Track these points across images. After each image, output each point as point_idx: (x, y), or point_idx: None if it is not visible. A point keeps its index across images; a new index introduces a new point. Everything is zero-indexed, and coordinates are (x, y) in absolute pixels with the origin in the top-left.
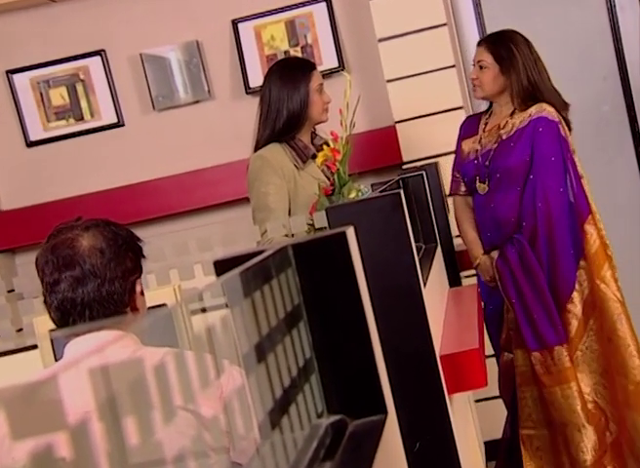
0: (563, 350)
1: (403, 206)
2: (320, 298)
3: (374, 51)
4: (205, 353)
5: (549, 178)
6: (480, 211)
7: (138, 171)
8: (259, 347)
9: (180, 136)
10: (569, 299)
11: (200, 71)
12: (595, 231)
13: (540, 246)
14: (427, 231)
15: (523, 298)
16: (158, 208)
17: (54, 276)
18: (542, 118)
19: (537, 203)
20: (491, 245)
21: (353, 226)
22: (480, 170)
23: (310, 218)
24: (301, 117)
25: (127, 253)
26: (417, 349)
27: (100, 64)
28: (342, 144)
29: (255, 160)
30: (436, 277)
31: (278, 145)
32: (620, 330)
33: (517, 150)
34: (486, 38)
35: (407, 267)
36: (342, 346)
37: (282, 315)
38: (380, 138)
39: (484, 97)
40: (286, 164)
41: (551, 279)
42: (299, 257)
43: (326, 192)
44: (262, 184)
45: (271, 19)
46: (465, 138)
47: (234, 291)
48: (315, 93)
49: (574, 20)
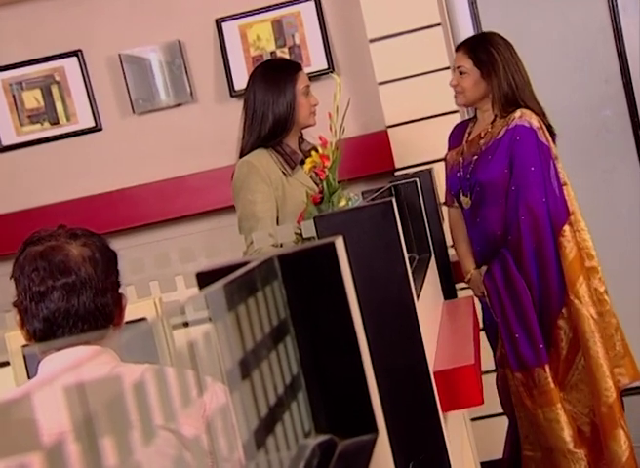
0: (543, 372)
1: (395, 215)
2: (308, 312)
3: (365, 52)
4: (187, 369)
5: (531, 189)
6: (468, 225)
7: (116, 177)
8: (243, 363)
9: (160, 142)
10: (559, 315)
11: (182, 73)
12: (572, 242)
13: (527, 259)
14: (421, 241)
15: (506, 317)
16: (138, 216)
17: (45, 284)
18: (519, 126)
19: (519, 216)
20: (482, 258)
21: (343, 236)
22: (463, 183)
23: (298, 227)
24: (288, 121)
25: (115, 265)
26: (409, 365)
27: (77, 65)
28: (332, 150)
29: (241, 166)
30: (430, 289)
31: (265, 151)
32: (593, 349)
33: (495, 162)
34: (464, 42)
35: (399, 279)
36: (331, 362)
37: (268, 329)
38: (371, 144)
39: (466, 104)
40: (273, 170)
41: (542, 293)
42: (285, 269)
43: (314, 200)
44: (249, 192)
45: (257, 18)
46: (451, 150)
47: (218, 304)
48: (302, 95)
49: (574, 21)
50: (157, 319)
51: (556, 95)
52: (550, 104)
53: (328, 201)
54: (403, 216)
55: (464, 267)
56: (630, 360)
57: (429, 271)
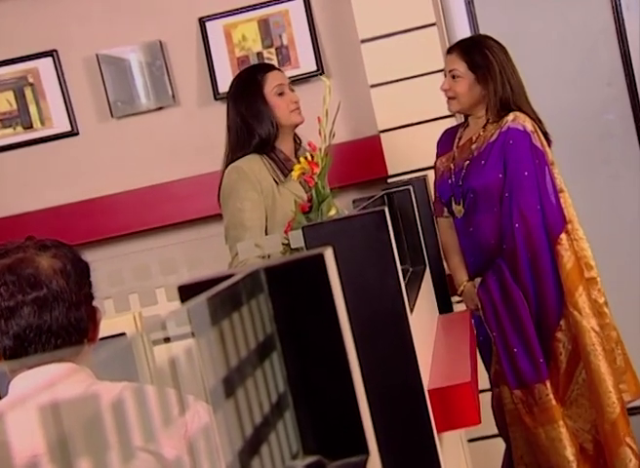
0: (544, 388)
1: (388, 224)
2: (295, 327)
3: (356, 53)
4: (167, 388)
5: (525, 196)
6: (461, 235)
7: (93, 185)
8: (227, 381)
9: (140, 147)
10: (557, 327)
11: (164, 74)
12: (569, 251)
13: (523, 269)
14: (415, 252)
15: (503, 331)
16: (116, 226)
17: (15, 299)
18: (512, 130)
19: (514, 223)
20: (476, 270)
21: (332, 247)
22: (455, 190)
23: (286, 238)
24: (272, 127)
25: (87, 277)
26: (402, 383)
27: (52, 66)
28: (321, 156)
29: (230, 172)
30: (424, 303)
31: (257, 156)
32: (594, 363)
33: (488, 167)
34: (456, 45)
35: (392, 292)
36: (320, 380)
37: (253, 345)
38: (362, 150)
39: (460, 110)
40: (265, 177)
41: (539, 306)
42: (272, 282)
43: (303, 209)
44: (238, 199)
45: (243, 17)
46: (440, 156)
47: (201, 318)
48: (274, 96)
49: (575, 20)
50: (137, 334)
51: (556, 98)
52: (550, 108)
53: (317, 210)
54: (396, 226)
55: (457, 279)
56: (632, 375)
57: (424, 284)
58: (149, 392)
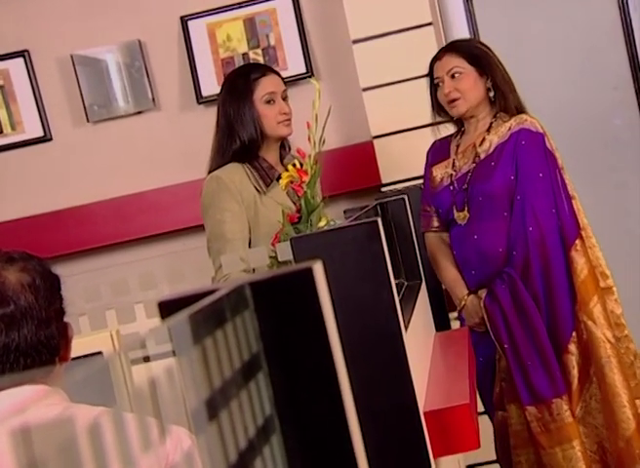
0: (563, 403)
1: (381, 236)
2: (282, 346)
3: (347, 54)
4: (148, 416)
5: (539, 198)
6: (461, 245)
7: (67, 194)
8: (210, 403)
9: (118, 153)
10: (570, 339)
11: (143, 76)
12: (584, 258)
13: (535, 278)
14: (410, 265)
15: (515, 343)
16: (92, 238)
17: None
18: (524, 130)
19: (527, 227)
20: (477, 284)
21: (322, 260)
22: (457, 196)
23: (273, 250)
24: (257, 136)
25: (58, 291)
26: (397, 405)
27: (23, 67)
28: (310, 164)
29: (209, 182)
30: (420, 319)
31: (239, 166)
32: (609, 376)
33: (499, 170)
34: (446, 47)
35: (385, 308)
36: (309, 401)
37: (238, 365)
38: (354, 156)
39: (468, 109)
40: (246, 187)
41: (550, 317)
42: (258, 297)
43: (291, 219)
44: (218, 210)
45: (227, 15)
46: (435, 164)
47: (182, 336)
48: (262, 104)
49: (579, 20)
50: (114, 353)
51: (559, 103)
52: (553, 114)
53: (306, 220)
54: (390, 238)
55: (456, 294)
56: None
57: (419, 299)
58: (129, 419)
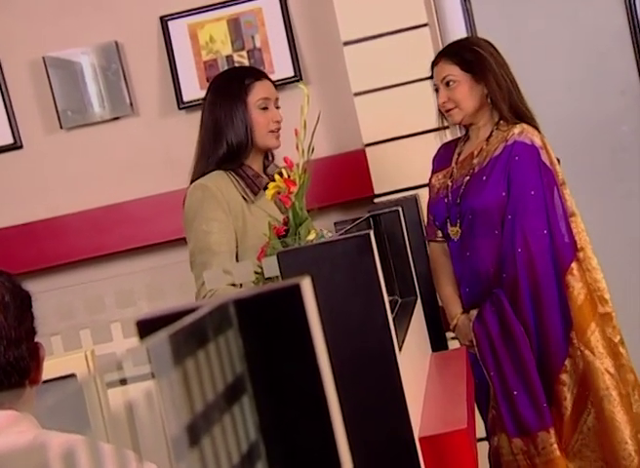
0: (549, 436)
1: (373, 250)
2: (268, 367)
3: (338, 57)
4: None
5: (529, 218)
6: (456, 261)
7: (39, 205)
8: (192, 428)
9: (94, 162)
10: (562, 368)
11: (120, 80)
12: (580, 283)
13: (524, 302)
14: (404, 281)
15: (502, 371)
16: (65, 252)
17: None
18: (519, 144)
19: (516, 248)
20: (471, 302)
21: (310, 276)
22: (451, 210)
23: (259, 265)
24: (245, 142)
25: (29, 309)
26: (390, 429)
27: None
28: (299, 173)
29: (194, 190)
30: (415, 339)
31: (223, 173)
32: (608, 409)
33: (490, 185)
34: (441, 53)
35: (378, 327)
36: (296, 427)
37: (221, 388)
38: (345, 166)
39: (464, 118)
40: (233, 196)
41: (541, 344)
42: (242, 316)
43: (278, 232)
44: (204, 221)
45: (210, 15)
46: (437, 172)
47: (162, 357)
48: (256, 109)
49: (585, 22)
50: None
51: (563, 108)
52: (556, 120)
53: (294, 233)
54: (383, 252)
55: (450, 312)
56: None
57: (414, 317)
58: (105, 450)
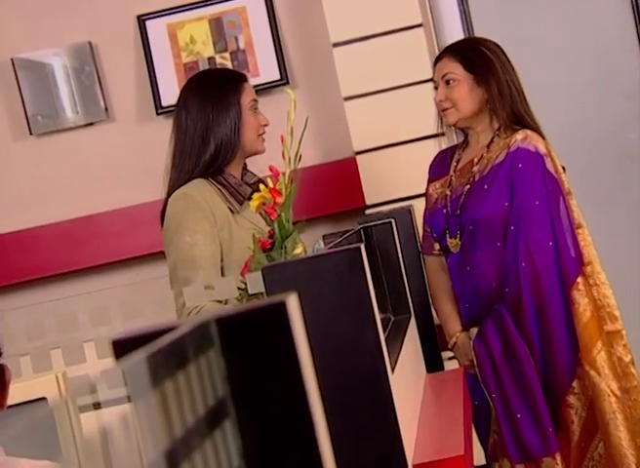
0: (554, 463)
1: (364, 265)
2: (252, 390)
3: (327, 59)
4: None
5: (534, 229)
6: (455, 275)
7: (7, 216)
8: (170, 455)
9: (66, 171)
10: (569, 390)
11: (94, 83)
12: (586, 299)
13: (528, 319)
14: (398, 298)
15: (504, 392)
16: (35, 267)
17: None
18: (522, 151)
19: (519, 262)
20: (471, 319)
21: (297, 293)
22: (450, 221)
23: (243, 281)
24: (234, 144)
25: None
26: (382, 456)
27: None
28: (285, 183)
29: (176, 200)
30: (409, 359)
31: (204, 181)
32: (614, 435)
33: (492, 195)
34: (446, 49)
35: (369, 347)
36: (281, 453)
37: (202, 412)
38: (335, 175)
39: (459, 120)
40: (218, 206)
41: (546, 364)
42: (224, 335)
43: (263, 246)
44: (187, 233)
45: (191, 15)
46: (434, 180)
47: (139, 379)
48: (248, 110)
49: (588, 23)
50: (60, 399)
51: (565, 114)
52: (558, 126)
53: (280, 247)
54: (375, 267)
55: (448, 329)
56: None
57: (408, 336)
58: None
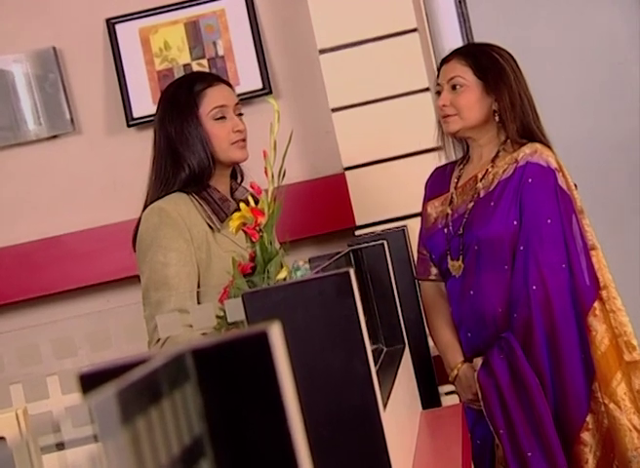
0: None
1: (354, 291)
2: (231, 428)
3: (313, 66)
4: None
5: (546, 249)
6: (456, 301)
7: None
8: None
9: (27, 188)
10: (583, 426)
11: (59, 92)
12: (604, 325)
13: (539, 348)
14: (390, 327)
15: (513, 429)
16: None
17: None
18: (532, 164)
19: (530, 285)
20: (473, 350)
21: (280, 322)
22: (452, 242)
23: (221, 308)
24: (207, 163)
25: None
26: None
27: None
28: (268, 202)
29: (150, 215)
30: (403, 394)
31: (184, 195)
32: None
33: (499, 212)
34: (456, 51)
35: (359, 381)
36: None
37: (177, 451)
38: (322, 192)
39: (461, 129)
40: (196, 223)
41: (558, 397)
42: (201, 368)
43: (243, 270)
44: (160, 251)
45: (165, 18)
46: (432, 199)
47: (107, 417)
48: (210, 120)
49: (597, 28)
50: (20, 439)
51: (573, 128)
52: (566, 141)
53: (262, 272)
54: (366, 293)
55: (448, 360)
56: None
57: (402, 369)
58: None
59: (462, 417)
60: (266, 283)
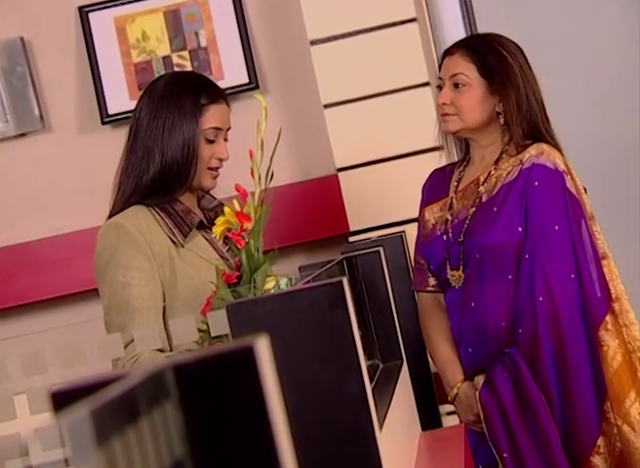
0: None
1: (347, 302)
2: (215, 449)
3: (304, 59)
4: None
5: (553, 259)
6: (456, 313)
7: None
8: None
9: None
10: (593, 449)
11: (27, 87)
12: (617, 341)
13: (546, 365)
14: (387, 341)
15: (518, 452)
16: None
17: None
18: (538, 166)
19: (536, 297)
20: (475, 366)
21: (268, 335)
22: (451, 250)
23: (204, 321)
24: (181, 171)
25: None
26: None
27: None
28: (254, 206)
29: (107, 231)
30: (400, 414)
31: (143, 208)
32: None
33: (503, 218)
34: (461, 43)
35: (353, 400)
36: None
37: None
38: (314, 195)
39: (461, 129)
40: (157, 238)
41: (566, 417)
42: (183, 386)
43: (228, 280)
44: (120, 270)
45: (142, 6)
46: (430, 204)
47: (81, 438)
48: (202, 139)
49: (609, 22)
50: None
51: (584, 129)
52: (572, 145)
53: (248, 281)
54: (360, 305)
55: (448, 379)
56: None
57: (399, 387)
58: None
59: (465, 440)
60: (253, 293)
